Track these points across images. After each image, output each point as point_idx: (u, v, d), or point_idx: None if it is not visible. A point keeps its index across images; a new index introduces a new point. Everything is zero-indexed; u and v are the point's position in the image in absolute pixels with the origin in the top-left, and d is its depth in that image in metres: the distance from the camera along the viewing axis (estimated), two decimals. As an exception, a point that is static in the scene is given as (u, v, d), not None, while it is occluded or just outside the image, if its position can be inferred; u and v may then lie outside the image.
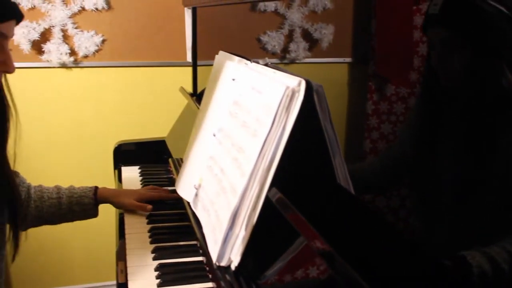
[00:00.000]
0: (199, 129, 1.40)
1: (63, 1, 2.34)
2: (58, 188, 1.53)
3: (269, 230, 0.96)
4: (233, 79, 1.20)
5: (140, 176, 1.94)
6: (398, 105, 1.10)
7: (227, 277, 0.96)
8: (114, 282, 2.80)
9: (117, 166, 2.08)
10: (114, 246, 2.64)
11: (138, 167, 2.03)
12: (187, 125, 1.98)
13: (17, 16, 1.08)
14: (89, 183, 2.53)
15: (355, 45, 2.72)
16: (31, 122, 2.43)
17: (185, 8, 2.43)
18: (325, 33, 2.63)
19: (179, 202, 1.60)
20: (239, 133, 1.05)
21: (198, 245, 1.32)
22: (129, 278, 1.21)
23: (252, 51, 2.49)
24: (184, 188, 1.33)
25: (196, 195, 1.22)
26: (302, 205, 0.89)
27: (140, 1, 2.44)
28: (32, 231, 2.37)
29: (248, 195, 0.94)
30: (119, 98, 2.53)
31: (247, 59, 1.25)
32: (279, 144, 0.91)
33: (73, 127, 2.50)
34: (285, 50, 2.54)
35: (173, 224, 1.48)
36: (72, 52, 2.41)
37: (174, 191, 1.73)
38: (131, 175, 1.96)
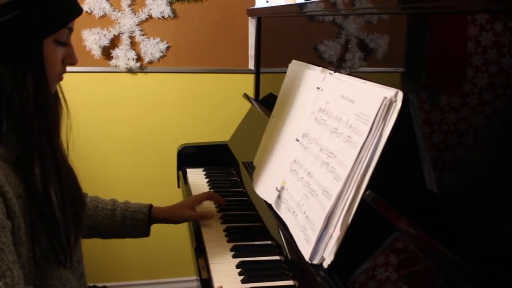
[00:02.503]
0: (276, 134, 1.46)
1: (132, 10, 2.46)
2: (114, 200, 1.52)
3: (360, 230, 1.02)
4: (318, 88, 1.27)
5: (205, 177, 2.01)
6: (450, 115, 1.12)
7: (321, 273, 1.02)
8: (170, 279, 2.89)
9: (181, 168, 2.16)
10: (171, 244, 2.73)
11: (202, 169, 2.11)
12: (252, 130, 2.05)
13: (81, 12, 1.13)
14: (152, 184, 2.65)
15: (408, 55, 2.76)
16: (97, 123, 2.55)
17: (249, 18, 2.52)
18: (380, 43, 2.68)
19: (248, 204, 1.67)
20: (329, 139, 1.12)
21: (274, 244, 1.38)
22: (212, 274, 1.27)
23: (310, 60, 2.55)
24: (264, 190, 1.39)
25: (279, 197, 1.29)
26: (397, 207, 0.95)
27: (204, 10, 2.54)
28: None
29: (343, 198, 1.00)
30: (181, 102, 2.62)
31: (329, 69, 1.32)
32: (376, 151, 0.97)
33: (137, 129, 2.61)
34: (341, 59, 2.59)
35: (246, 224, 1.55)
36: (139, 58, 2.52)
37: (240, 194, 1.80)
38: (197, 177, 2.04)
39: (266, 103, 2.07)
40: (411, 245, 0.90)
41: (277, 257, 1.33)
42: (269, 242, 1.40)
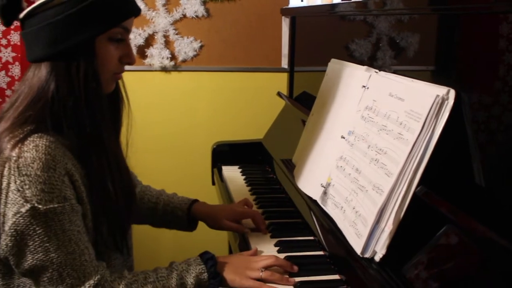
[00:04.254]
0: (318, 132, 1.49)
1: (166, 9, 2.51)
2: (160, 193, 1.55)
3: (410, 224, 1.04)
4: (364, 86, 1.29)
5: (242, 175, 2.04)
6: (480, 113, 1.14)
7: (374, 266, 1.04)
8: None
9: (216, 165, 2.20)
10: (201, 242, 2.75)
11: (237, 167, 2.14)
12: (287, 128, 2.08)
13: (138, 12, 1.17)
14: (186, 181, 2.69)
15: (438, 53, 2.77)
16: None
17: (283, 17, 2.55)
18: (411, 41, 2.69)
19: (286, 200, 1.70)
20: (377, 136, 1.14)
21: (316, 240, 1.40)
22: (259, 269, 1.30)
23: (344, 58, 2.58)
24: (309, 187, 1.42)
25: (325, 193, 1.31)
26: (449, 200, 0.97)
27: (238, 10, 2.58)
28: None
29: (395, 193, 1.02)
30: (214, 101, 2.67)
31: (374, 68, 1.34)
32: (428, 148, 0.99)
33: (170, 127, 2.66)
34: (372, 58, 2.61)
35: (287, 221, 1.57)
36: (172, 57, 2.57)
37: (277, 191, 1.83)
38: (233, 174, 2.07)
39: (302, 101, 2.09)
40: (463, 237, 0.92)
41: (321, 252, 1.35)
42: (312, 238, 1.43)
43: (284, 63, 2.61)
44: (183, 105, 2.64)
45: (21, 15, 1.08)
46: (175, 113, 2.64)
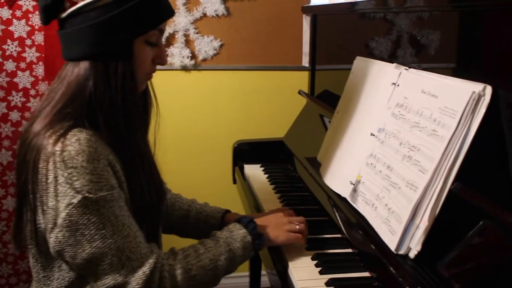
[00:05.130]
0: (345, 130, 1.49)
1: (186, 8, 2.52)
2: (192, 201, 1.54)
3: (444, 220, 1.04)
4: (394, 83, 1.29)
5: (264, 173, 2.04)
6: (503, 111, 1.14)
7: (409, 262, 1.05)
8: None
9: (237, 164, 2.20)
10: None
11: (259, 165, 2.14)
12: (309, 126, 2.08)
13: (173, 13, 1.20)
14: (206, 178, 2.70)
15: (460, 51, 2.75)
16: (152, 119, 2.61)
17: (304, 15, 2.55)
18: (432, 39, 2.68)
19: (310, 199, 1.70)
20: (410, 133, 1.14)
21: (344, 237, 1.40)
22: (290, 266, 1.30)
23: (361, 56, 2.57)
24: (338, 185, 1.42)
25: (355, 190, 1.31)
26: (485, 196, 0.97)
27: (258, 8, 2.58)
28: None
29: (431, 190, 1.02)
30: (234, 100, 2.67)
31: (403, 65, 1.34)
32: (464, 144, 0.99)
33: (190, 126, 2.66)
34: (392, 55, 2.60)
35: (313, 219, 1.57)
36: (193, 56, 2.57)
37: (301, 189, 1.83)
38: (255, 172, 2.07)
39: (324, 100, 2.09)
40: (500, 233, 0.92)
41: (349, 250, 1.35)
42: (339, 235, 1.43)
43: (305, 62, 2.61)
44: (204, 104, 2.65)
45: (64, 15, 1.10)
46: (195, 112, 2.65)
